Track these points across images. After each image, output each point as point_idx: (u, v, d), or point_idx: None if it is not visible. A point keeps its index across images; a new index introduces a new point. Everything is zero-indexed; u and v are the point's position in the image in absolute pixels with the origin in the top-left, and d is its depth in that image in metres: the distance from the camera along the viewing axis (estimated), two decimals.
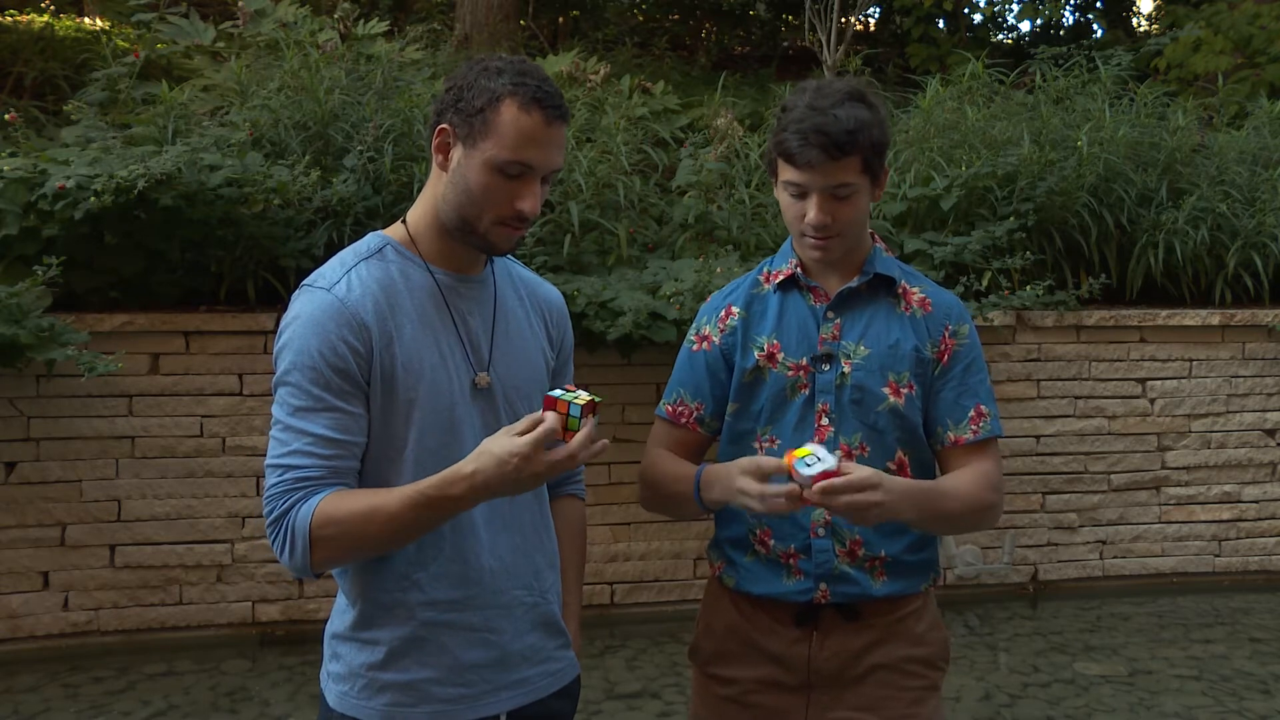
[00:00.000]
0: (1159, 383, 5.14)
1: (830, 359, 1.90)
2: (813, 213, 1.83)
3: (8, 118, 5.21)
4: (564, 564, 1.85)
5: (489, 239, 1.65)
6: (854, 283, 1.92)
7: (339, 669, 1.69)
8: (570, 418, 1.51)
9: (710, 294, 2.47)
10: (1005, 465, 4.91)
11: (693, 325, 2.04)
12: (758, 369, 1.92)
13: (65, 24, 7.47)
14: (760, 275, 2.01)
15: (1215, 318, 5.17)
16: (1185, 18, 8.35)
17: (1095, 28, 10.62)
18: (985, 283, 4.99)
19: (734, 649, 1.97)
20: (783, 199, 1.89)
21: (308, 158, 4.86)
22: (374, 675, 1.66)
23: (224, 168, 4.43)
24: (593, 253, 4.99)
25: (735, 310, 1.98)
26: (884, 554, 1.89)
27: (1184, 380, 5.16)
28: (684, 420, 1.99)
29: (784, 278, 1.96)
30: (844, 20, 7.56)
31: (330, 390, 1.58)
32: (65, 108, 5.34)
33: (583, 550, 1.97)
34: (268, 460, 1.60)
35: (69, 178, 4.13)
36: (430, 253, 1.70)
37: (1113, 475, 5.11)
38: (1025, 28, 10.95)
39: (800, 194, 1.84)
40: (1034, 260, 5.11)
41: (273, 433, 1.61)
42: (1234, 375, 5.19)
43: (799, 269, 1.95)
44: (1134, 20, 11.23)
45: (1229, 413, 5.18)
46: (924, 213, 5.33)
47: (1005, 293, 4.98)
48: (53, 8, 8.12)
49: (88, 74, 5.91)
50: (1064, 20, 10.77)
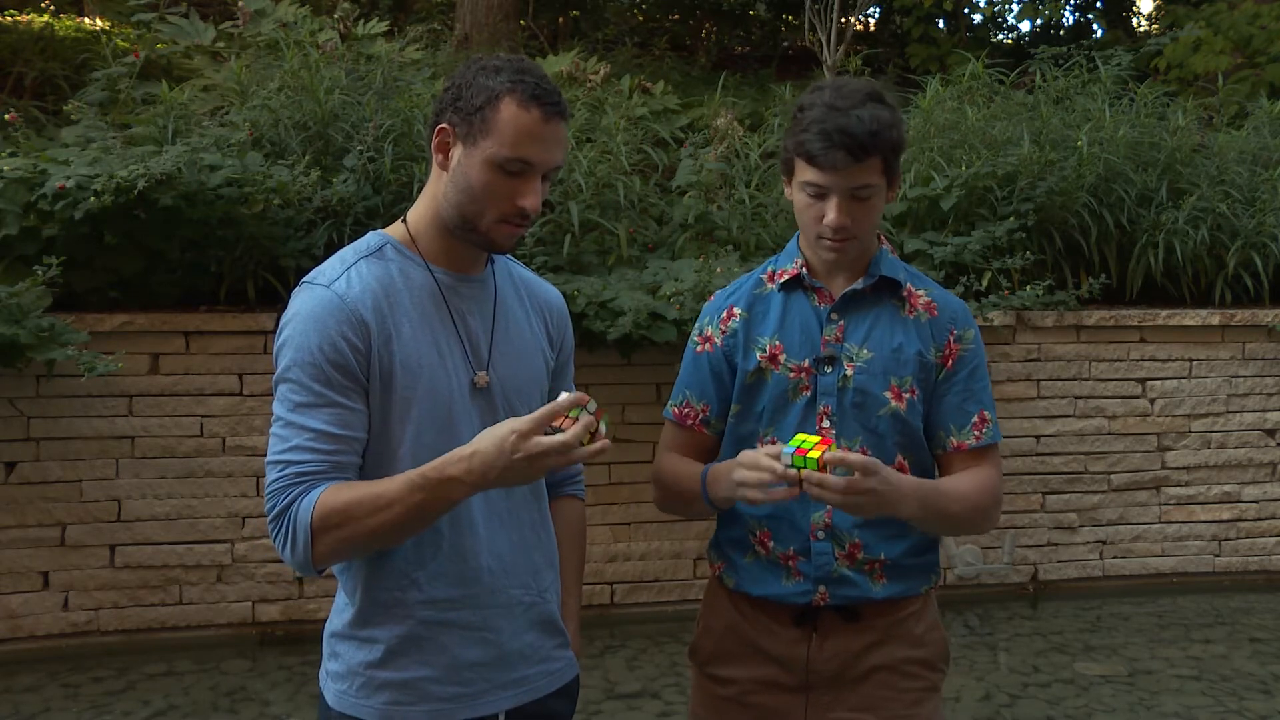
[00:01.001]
0: (1159, 383, 5.14)
1: (833, 361, 1.89)
2: (833, 214, 1.81)
3: (8, 118, 5.21)
4: (563, 564, 1.85)
5: (490, 237, 1.65)
6: (859, 284, 1.91)
7: (337, 668, 1.70)
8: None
9: (711, 293, 2.46)
10: (1005, 465, 4.90)
11: (696, 326, 2.03)
12: (759, 370, 1.91)
13: (65, 24, 7.47)
14: (764, 275, 2.00)
15: (1215, 318, 5.17)
16: (1185, 18, 8.35)
17: (1095, 28, 10.63)
18: (985, 283, 4.99)
19: (733, 649, 1.97)
20: (799, 199, 1.86)
21: (308, 158, 4.86)
22: (372, 674, 1.66)
23: (224, 168, 4.43)
24: (593, 253, 5.00)
25: (737, 311, 1.97)
26: (883, 557, 1.89)
27: (1184, 380, 5.16)
28: (690, 422, 1.98)
29: (789, 277, 1.94)
30: (844, 20, 7.56)
31: (331, 386, 1.58)
32: (65, 108, 5.34)
33: (582, 550, 1.97)
34: (269, 457, 1.60)
35: (69, 178, 4.13)
36: (430, 252, 1.70)
37: (1113, 475, 5.11)
38: (1025, 28, 10.97)
39: (819, 195, 1.82)
40: (1034, 260, 5.11)
41: (273, 429, 1.61)
42: (1234, 375, 5.19)
43: (804, 269, 1.94)
44: (1134, 20, 11.24)
45: (1229, 413, 5.18)
46: (924, 213, 5.33)
47: (1005, 293, 4.98)
48: (53, 8, 8.12)
49: (88, 74, 5.92)
50: (1064, 20, 10.78)
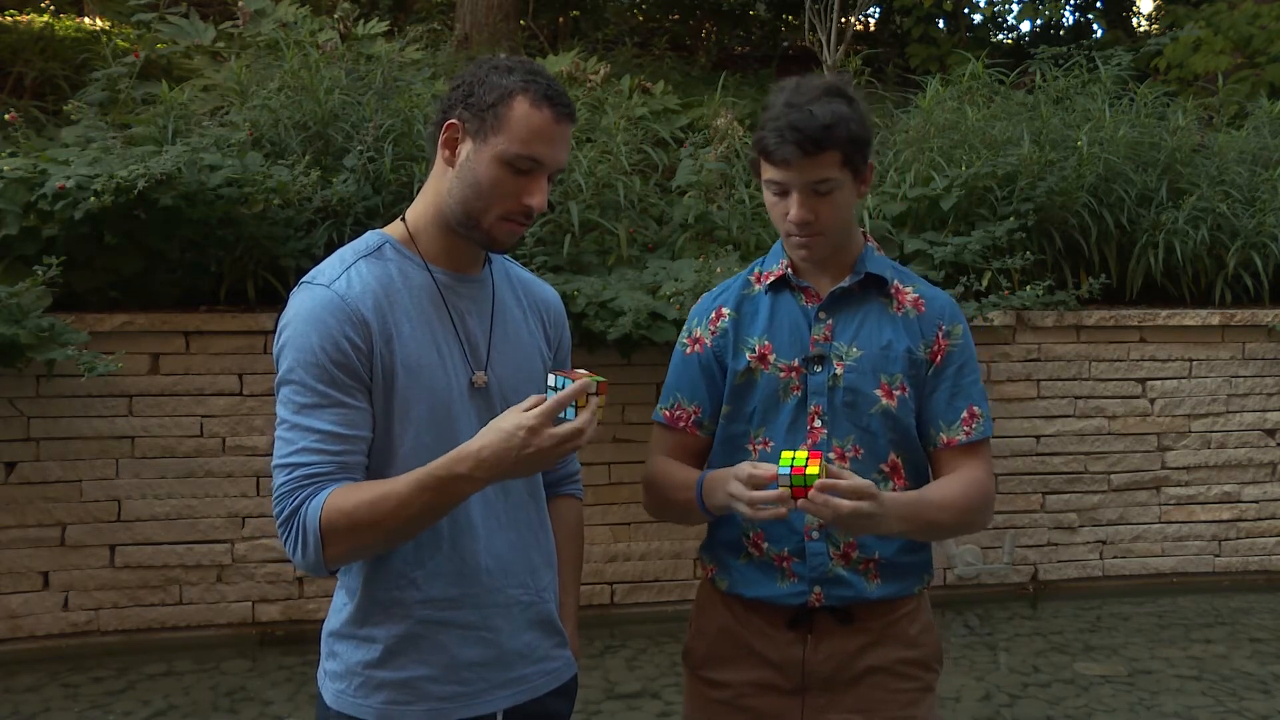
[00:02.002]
0: (1159, 383, 5.14)
1: (822, 360, 1.89)
2: (794, 210, 1.82)
3: (8, 118, 5.21)
4: (561, 564, 1.85)
5: (492, 234, 1.65)
6: (845, 283, 1.91)
7: (336, 667, 1.70)
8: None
9: None
10: (1005, 465, 4.93)
11: (684, 327, 2.03)
12: (749, 371, 1.91)
13: (65, 24, 7.48)
14: (751, 276, 2.00)
15: (1215, 318, 5.16)
16: (1185, 18, 8.34)
17: (1095, 28, 10.62)
18: (985, 283, 4.99)
19: (727, 652, 1.96)
20: (766, 198, 1.88)
21: (308, 158, 4.86)
22: (371, 673, 1.66)
23: (224, 168, 4.43)
24: (593, 253, 5.00)
25: (726, 312, 1.97)
26: (878, 555, 1.88)
27: (1184, 380, 5.15)
28: (682, 424, 1.97)
29: (775, 278, 1.94)
30: (844, 20, 7.56)
31: (335, 386, 1.58)
32: (65, 108, 5.34)
33: (580, 550, 1.96)
34: (275, 460, 1.59)
35: (69, 178, 4.13)
36: (430, 251, 1.70)
37: (1113, 475, 5.11)
38: (1025, 28, 10.96)
39: (781, 191, 1.83)
40: (1034, 260, 5.11)
41: (278, 432, 1.60)
42: (1234, 375, 5.19)
43: (790, 269, 1.93)
44: (1134, 20, 11.24)
45: (1229, 413, 5.18)
46: (924, 213, 5.33)
47: (1005, 293, 4.98)
48: (53, 8, 8.12)
49: (88, 74, 5.92)
50: (1064, 20, 10.77)
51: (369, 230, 1.77)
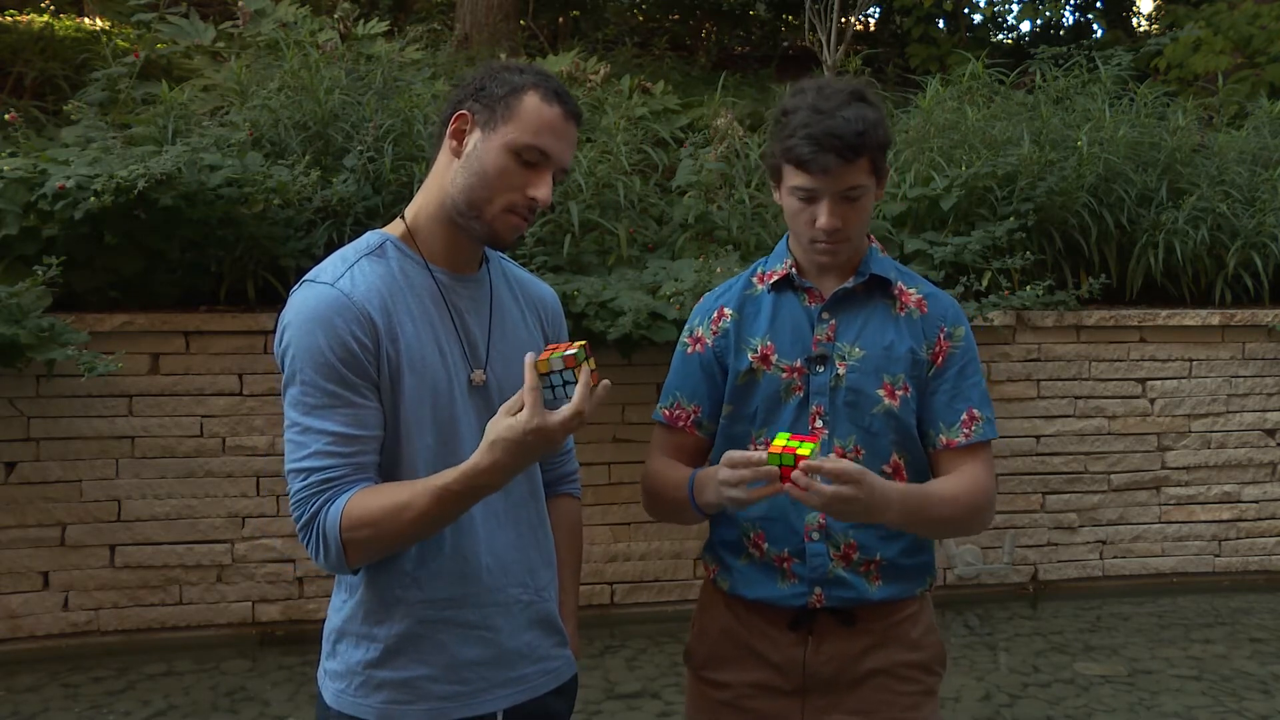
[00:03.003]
0: (1159, 383, 5.14)
1: (824, 360, 1.88)
2: (824, 218, 1.80)
3: (8, 118, 5.21)
4: (561, 563, 1.85)
5: (494, 226, 1.65)
6: (849, 283, 1.90)
7: (336, 666, 1.69)
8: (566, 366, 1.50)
9: None
10: (1005, 465, 4.93)
11: (685, 327, 2.02)
12: (751, 371, 1.90)
13: (65, 24, 7.48)
14: (754, 276, 1.99)
15: (1215, 318, 5.16)
16: (1185, 18, 8.35)
17: (1095, 28, 10.63)
18: (985, 283, 4.99)
19: (729, 653, 1.95)
20: (789, 204, 1.85)
21: (308, 158, 4.86)
22: (371, 673, 1.66)
23: (224, 168, 4.43)
24: (593, 253, 5.00)
25: (728, 312, 1.96)
26: (879, 557, 1.88)
27: (1184, 380, 5.15)
28: (681, 424, 1.97)
29: (779, 278, 1.94)
30: (844, 20, 7.57)
31: (344, 385, 1.57)
32: (65, 108, 5.35)
33: (579, 549, 1.96)
34: (288, 465, 1.59)
35: (69, 178, 4.13)
36: (429, 249, 1.70)
37: (1113, 475, 5.11)
38: (1025, 28, 10.97)
39: (810, 199, 1.81)
40: (1034, 260, 5.11)
41: (288, 435, 1.59)
42: (1234, 375, 5.19)
43: (794, 269, 1.93)
44: (1134, 20, 11.24)
45: (1229, 413, 5.18)
46: (924, 213, 5.33)
47: (1005, 293, 4.98)
48: (53, 8, 8.13)
49: (88, 74, 5.92)
50: (1064, 20, 10.78)
51: (369, 230, 1.77)
